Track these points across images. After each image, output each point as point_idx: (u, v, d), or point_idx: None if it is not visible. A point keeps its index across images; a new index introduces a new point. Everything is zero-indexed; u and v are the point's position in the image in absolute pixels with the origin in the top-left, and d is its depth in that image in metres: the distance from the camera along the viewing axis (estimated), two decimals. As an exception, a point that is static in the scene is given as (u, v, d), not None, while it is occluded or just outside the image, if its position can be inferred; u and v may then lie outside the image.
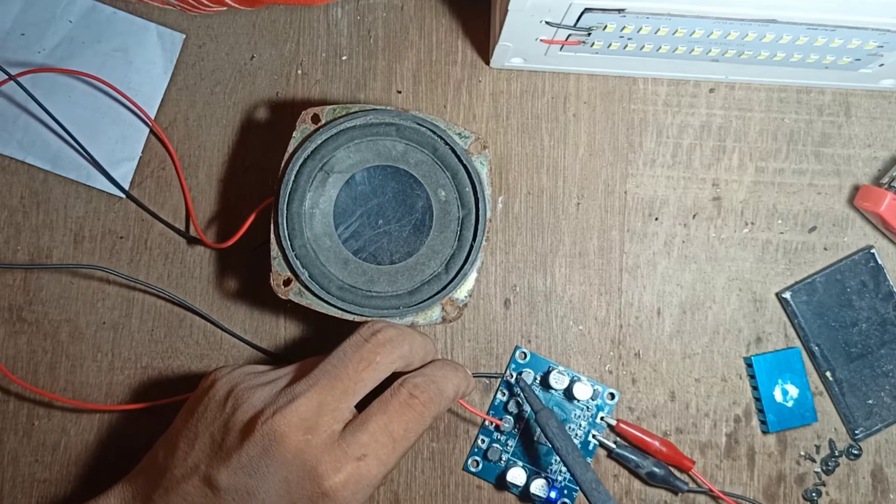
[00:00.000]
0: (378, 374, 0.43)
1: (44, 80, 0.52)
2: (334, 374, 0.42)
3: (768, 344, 0.53)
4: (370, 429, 0.41)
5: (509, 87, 0.53)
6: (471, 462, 0.52)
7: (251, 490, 0.41)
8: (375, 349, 0.43)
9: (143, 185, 0.52)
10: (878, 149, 0.53)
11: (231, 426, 0.42)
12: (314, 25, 0.53)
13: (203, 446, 0.42)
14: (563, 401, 0.51)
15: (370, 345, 0.43)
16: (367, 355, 0.42)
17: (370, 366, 0.42)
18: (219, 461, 0.41)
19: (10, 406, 0.51)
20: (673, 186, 0.53)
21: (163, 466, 0.43)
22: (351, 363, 0.42)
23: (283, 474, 0.40)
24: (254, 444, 0.40)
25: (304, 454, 0.40)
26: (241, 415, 0.42)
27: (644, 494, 0.52)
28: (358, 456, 0.41)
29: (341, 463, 0.40)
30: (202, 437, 0.42)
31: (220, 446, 0.42)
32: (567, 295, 0.53)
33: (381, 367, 0.43)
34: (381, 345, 0.43)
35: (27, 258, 0.52)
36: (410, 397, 0.42)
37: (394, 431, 0.42)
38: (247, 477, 0.41)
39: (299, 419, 0.41)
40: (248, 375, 0.44)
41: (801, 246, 0.53)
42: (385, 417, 0.42)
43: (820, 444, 0.52)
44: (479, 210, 0.46)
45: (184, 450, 0.43)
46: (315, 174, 0.46)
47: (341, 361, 0.42)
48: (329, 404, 0.41)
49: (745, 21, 0.43)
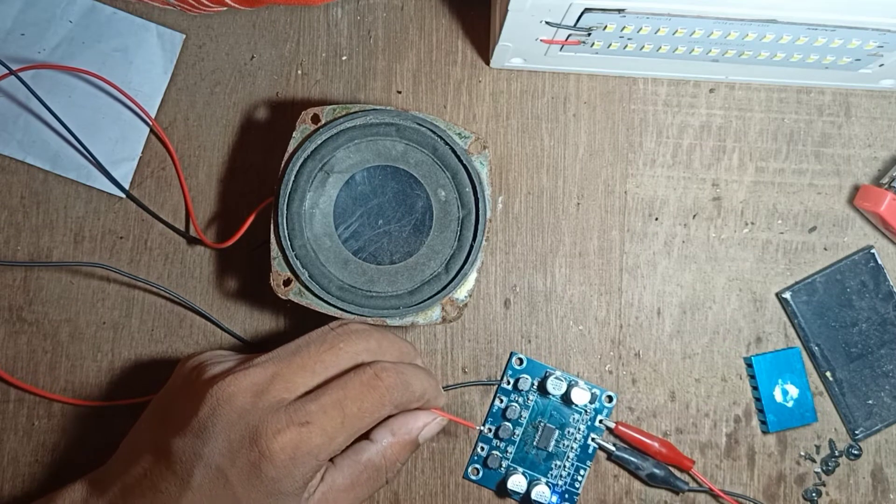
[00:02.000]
0: (339, 359, 0.43)
1: (44, 80, 0.52)
2: (294, 350, 0.43)
3: (768, 344, 0.53)
4: (321, 400, 0.41)
5: (509, 87, 0.53)
6: (471, 470, 0.52)
7: (198, 451, 0.40)
8: (340, 336, 0.43)
9: (143, 185, 0.52)
10: (878, 149, 0.53)
11: (187, 395, 0.42)
12: (314, 25, 0.53)
13: (159, 419, 0.43)
14: (561, 406, 0.51)
15: (336, 332, 0.43)
16: (331, 340, 0.43)
17: (332, 349, 0.43)
18: (171, 429, 0.42)
19: (10, 406, 0.51)
20: (673, 186, 0.53)
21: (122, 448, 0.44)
22: (314, 344, 0.43)
23: (228, 434, 0.40)
24: (204, 406, 0.41)
25: (248, 414, 0.40)
26: (198, 384, 0.42)
27: (644, 495, 0.52)
28: (301, 422, 0.40)
29: (283, 425, 0.40)
30: (161, 412, 0.43)
31: (174, 415, 0.42)
32: (567, 295, 0.53)
33: (343, 353, 0.43)
34: (347, 333, 0.43)
35: (27, 258, 0.52)
36: (374, 378, 0.42)
37: (347, 407, 0.41)
38: (194, 438, 0.41)
39: (250, 383, 0.41)
40: (218, 355, 0.46)
41: (801, 246, 0.53)
42: (341, 392, 0.41)
43: (820, 444, 0.52)
44: (479, 210, 0.46)
45: (141, 428, 0.44)
46: (315, 174, 0.46)
47: (305, 342, 0.43)
48: (283, 375, 0.41)
49: (745, 21, 0.43)
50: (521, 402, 0.51)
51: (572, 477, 0.51)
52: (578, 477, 0.51)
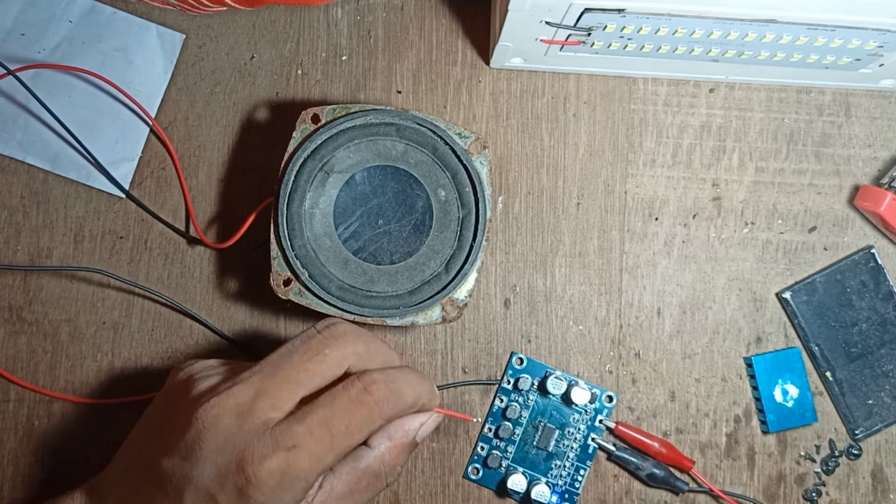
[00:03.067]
0: (326, 367, 0.41)
1: (44, 80, 0.52)
2: (277, 363, 0.41)
3: (768, 344, 0.53)
4: (308, 421, 0.40)
5: (509, 87, 0.53)
6: (471, 470, 0.52)
7: (187, 474, 0.40)
8: (325, 341, 0.42)
9: (143, 185, 0.52)
10: (878, 149, 0.53)
11: (176, 413, 0.41)
12: (314, 25, 0.53)
13: (150, 435, 0.42)
14: (561, 405, 0.51)
15: (321, 336, 0.42)
16: (315, 346, 0.41)
17: (317, 357, 0.41)
18: (161, 448, 0.41)
19: (10, 406, 0.51)
20: (673, 186, 0.53)
21: (118, 459, 0.44)
22: (297, 353, 0.41)
23: (215, 458, 0.39)
24: (192, 429, 0.40)
25: (234, 438, 0.39)
26: (186, 402, 0.41)
27: (644, 495, 0.52)
28: (288, 446, 0.39)
29: (269, 451, 0.39)
30: (153, 426, 0.43)
31: (164, 433, 0.41)
32: (567, 295, 0.53)
33: (328, 360, 0.41)
34: (332, 338, 0.42)
35: (27, 258, 0.52)
36: (363, 393, 0.40)
37: (334, 427, 0.40)
38: (183, 461, 0.40)
39: (235, 403, 0.40)
40: (208, 367, 0.44)
41: (801, 246, 0.53)
42: (328, 411, 0.40)
43: (820, 444, 0.52)
44: (479, 210, 0.46)
45: (135, 440, 0.43)
46: (315, 174, 0.46)
47: (288, 351, 0.42)
48: (268, 391, 0.40)
49: (745, 21, 0.43)
50: (522, 401, 0.51)
51: (572, 477, 0.51)
52: (578, 477, 0.51)
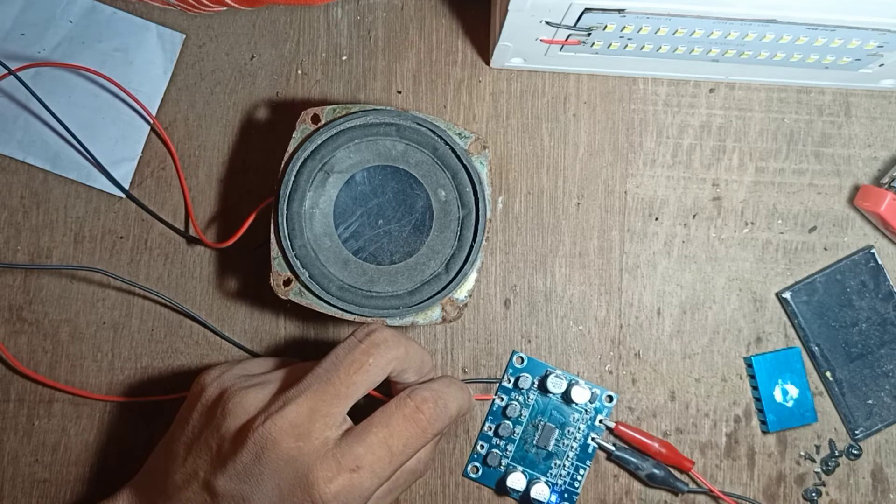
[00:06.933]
0: (371, 377, 0.42)
1: (44, 79, 0.52)
2: (326, 378, 0.42)
3: (768, 344, 0.53)
4: (368, 440, 0.41)
5: (509, 87, 0.53)
6: (470, 468, 0.52)
7: (246, 496, 0.40)
8: (369, 350, 0.42)
9: (143, 185, 0.52)
10: (878, 149, 0.53)
11: (225, 432, 0.42)
12: (314, 25, 0.53)
13: (200, 452, 0.42)
14: (561, 404, 0.51)
15: (363, 346, 0.42)
16: (359, 357, 0.42)
17: (362, 368, 0.42)
18: (215, 467, 0.41)
19: (10, 406, 0.51)
20: (673, 186, 0.53)
21: (164, 472, 0.43)
22: (343, 366, 0.42)
23: (276, 481, 0.40)
24: (247, 451, 0.40)
25: (296, 461, 0.40)
26: (233, 420, 0.42)
27: (644, 495, 0.52)
28: (352, 467, 0.40)
29: (334, 473, 0.40)
30: (198, 443, 0.42)
31: (216, 452, 0.42)
32: (567, 295, 0.53)
33: (373, 369, 0.42)
34: (374, 346, 0.42)
35: (27, 258, 0.52)
36: (416, 411, 0.42)
37: (393, 445, 0.41)
38: (241, 483, 0.40)
39: (290, 425, 0.40)
40: (239, 378, 0.44)
41: (801, 246, 0.53)
42: (386, 430, 0.41)
43: (820, 444, 0.52)
44: (479, 210, 0.46)
45: (182, 455, 0.43)
46: (315, 174, 0.46)
47: (333, 365, 0.42)
48: (320, 410, 0.41)
49: (745, 21, 0.43)
50: (522, 400, 0.51)
51: (572, 476, 0.51)
52: (578, 476, 0.51)
